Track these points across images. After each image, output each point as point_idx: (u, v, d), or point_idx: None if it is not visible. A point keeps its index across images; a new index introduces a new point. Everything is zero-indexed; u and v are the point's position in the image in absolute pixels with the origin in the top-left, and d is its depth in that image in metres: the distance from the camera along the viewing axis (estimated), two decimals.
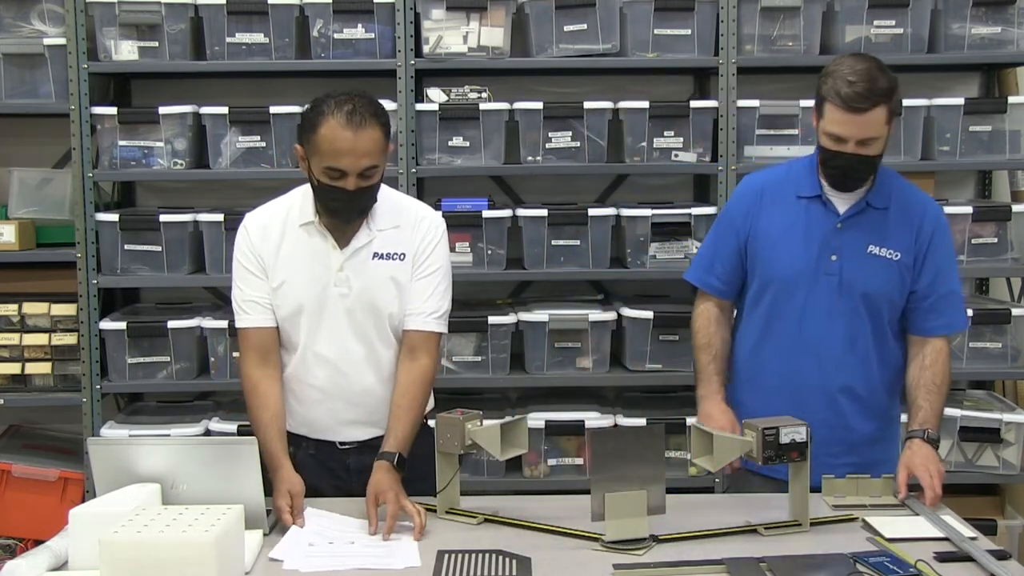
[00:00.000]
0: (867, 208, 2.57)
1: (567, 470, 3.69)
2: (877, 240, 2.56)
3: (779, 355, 2.61)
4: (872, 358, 2.58)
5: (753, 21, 3.66)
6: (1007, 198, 4.04)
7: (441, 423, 2.34)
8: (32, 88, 3.72)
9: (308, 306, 2.49)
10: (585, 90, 3.95)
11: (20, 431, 4.08)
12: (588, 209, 3.68)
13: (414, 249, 2.53)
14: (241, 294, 2.53)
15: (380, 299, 2.50)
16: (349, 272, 2.49)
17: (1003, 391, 3.95)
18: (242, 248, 2.54)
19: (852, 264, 2.56)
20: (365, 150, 2.35)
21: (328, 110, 2.35)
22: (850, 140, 2.46)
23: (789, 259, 2.59)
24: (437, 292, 2.54)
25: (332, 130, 2.33)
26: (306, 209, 2.52)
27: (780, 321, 2.60)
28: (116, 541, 1.82)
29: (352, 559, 2.09)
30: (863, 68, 2.45)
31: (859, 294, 2.55)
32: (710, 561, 2.05)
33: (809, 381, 2.57)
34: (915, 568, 1.98)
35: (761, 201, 2.65)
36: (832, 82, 2.45)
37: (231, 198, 3.97)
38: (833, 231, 2.57)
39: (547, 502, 2.50)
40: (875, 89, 2.42)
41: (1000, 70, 4.01)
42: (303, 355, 2.52)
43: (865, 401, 2.59)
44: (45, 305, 3.77)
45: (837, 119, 2.45)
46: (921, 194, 2.67)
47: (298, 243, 2.51)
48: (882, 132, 2.47)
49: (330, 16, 3.66)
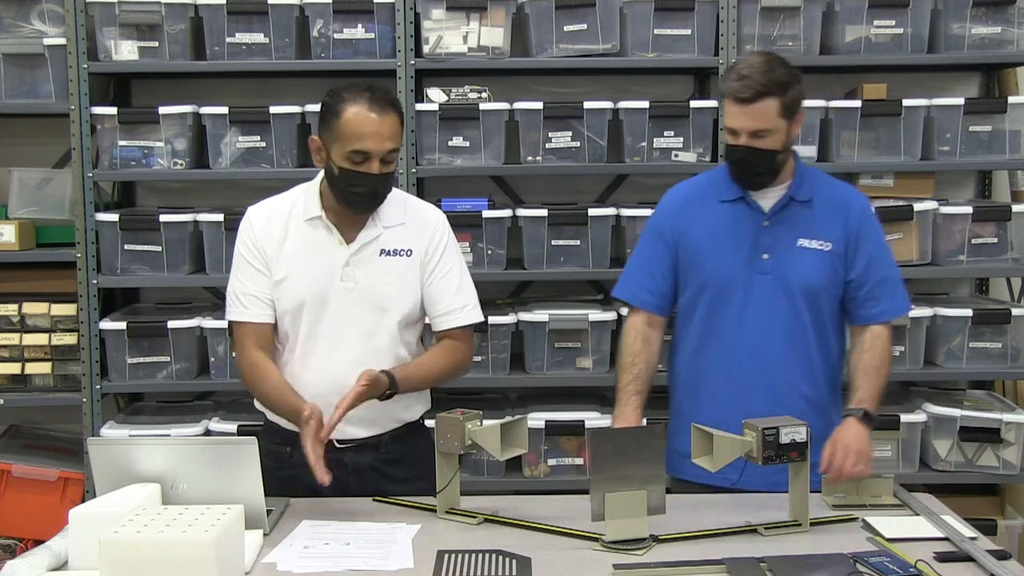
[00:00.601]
0: (791, 202, 2.59)
1: (567, 470, 3.69)
2: (806, 233, 2.57)
3: (720, 358, 2.60)
4: (814, 354, 2.59)
5: (753, 21, 3.66)
6: (1007, 198, 4.04)
7: (441, 423, 2.33)
8: (32, 88, 3.72)
9: (311, 301, 2.49)
10: (585, 90, 3.95)
11: (20, 431, 4.08)
12: (588, 209, 3.68)
13: (423, 250, 2.55)
14: (240, 287, 2.54)
15: (386, 295, 2.51)
16: (355, 267, 2.50)
17: (1003, 391, 3.95)
18: (244, 240, 2.54)
19: (785, 259, 2.57)
20: (389, 133, 2.40)
21: (350, 97, 2.40)
22: (742, 132, 2.49)
23: (721, 262, 2.59)
24: (463, 286, 2.60)
25: (357, 114, 2.37)
26: (311, 204, 2.52)
27: (718, 325, 2.60)
28: (116, 541, 1.82)
29: (346, 560, 2.08)
30: (757, 62, 2.51)
31: (796, 289, 2.56)
32: (710, 561, 2.05)
33: (752, 382, 2.56)
34: (915, 568, 1.98)
35: (685, 209, 2.67)
36: (727, 77, 2.51)
37: (231, 198, 3.97)
38: (761, 229, 2.59)
39: (547, 502, 2.49)
40: (763, 80, 2.46)
41: (1000, 70, 4.01)
42: (303, 350, 2.52)
43: (810, 399, 2.58)
44: (45, 305, 3.77)
45: (729, 112, 2.51)
46: (845, 186, 2.70)
47: (303, 238, 2.51)
48: (774, 125, 2.49)
49: (330, 16, 3.66)
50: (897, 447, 3.62)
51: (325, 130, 2.44)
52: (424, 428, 2.64)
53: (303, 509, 2.39)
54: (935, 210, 3.69)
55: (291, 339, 2.53)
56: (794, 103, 2.53)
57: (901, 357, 3.66)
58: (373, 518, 2.33)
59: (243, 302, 2.53)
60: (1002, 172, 4.06)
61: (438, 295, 2.57)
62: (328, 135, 2.43)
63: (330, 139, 2.42)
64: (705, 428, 2.27)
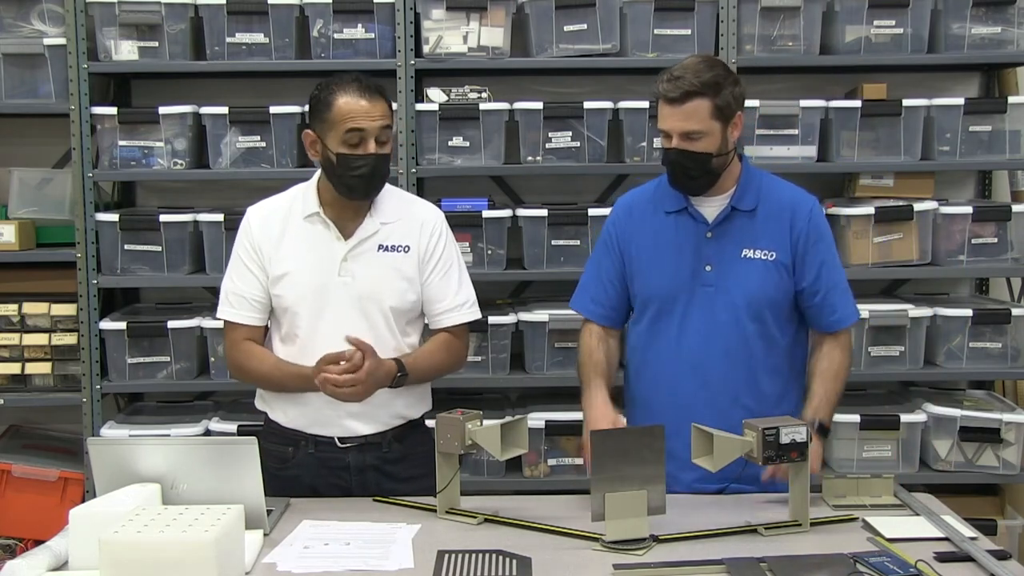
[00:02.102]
0: (734, 212, 2.53)
1: (567, 470, 3.69)
2: (749, 243, 2.52)
3: (662, 373, 2.57)
4: (758, 368, 2.53)
5: (753, 21, 3.66)
6: (1007, 198, 4.03)
7: (441, 423, 2.33)
8: (32, 88, 3.72)
9: (311, 296, 2.50)
10: (585, 90, 3.95)
11: (20, 431, 4.08)
12: (588, 209, 3.68)
13: (422, 247, 2.57)
14: (232, 286, 2.57)
15: (384, 290, 2.52)
16: (353, 262, 2.51)
17: (1003, 391, 3.95)
18: (242, 240, 2.57)
19: (727, 271, 2.52)
20: (380, 113, 2.46)
21: (338, 87, 2.46)
22: (673, 134, 2.46)
23: (663, 275, 2.55)
24: (463, 283, 2.63)
25: (347, 100, 2.44)
26: (309, 201, 2.55)
27: (659, 340, 2.56)
28: (116, 541, 1.82)
29: (346, 560, 2.08)
30: (689, 63, 2.47)
31: (739, 301, 2.50)
32: (710, 561, 2.05)
33: (694, 399, 2.51)
34: (915, 568, 1.98)
35: (631, 220, 2.63)
36: (659, 78, 2.47)
37: (231, 198, 3.96)
38: (704, 241, 2.54)
39: (547, 502, 2.49)
40: (694, 80, 2.41)
41: (1000, 70, 4.01)
42: (304, 346, 2.52)
43: (756, 412, 2.44)
44: (45, 305, 3.77)
45: (661, 113, 2.48)
46: (793, 190, 2.61)
47: (301, 235, 2.53)
48: (706, 127, 2.43)
49: (330, 16, 3.66)
50: (897, 447, 3.62)
51: (318, 122, 2.48)
52: (425, 427, 2.64)
53: (303, 509, 2.39)
54: (935, 210, 3.69)
55: (293, 334, 2.54)
56: (728, 106, 2.45)
57: (901, 357, 3.66)
58: (373, 518, 2.34)
59: (231, 302, 2.56)
60: (1002, 172, 4.06)
61: (438, 293, 2.59)
62: (321, 125, 2.47)
63: (324, 129, 2.47)
64: (706, 428, 2.27)
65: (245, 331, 2.56)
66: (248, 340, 2.56)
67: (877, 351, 3.65)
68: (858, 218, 3.62)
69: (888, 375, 3.73)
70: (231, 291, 2.57)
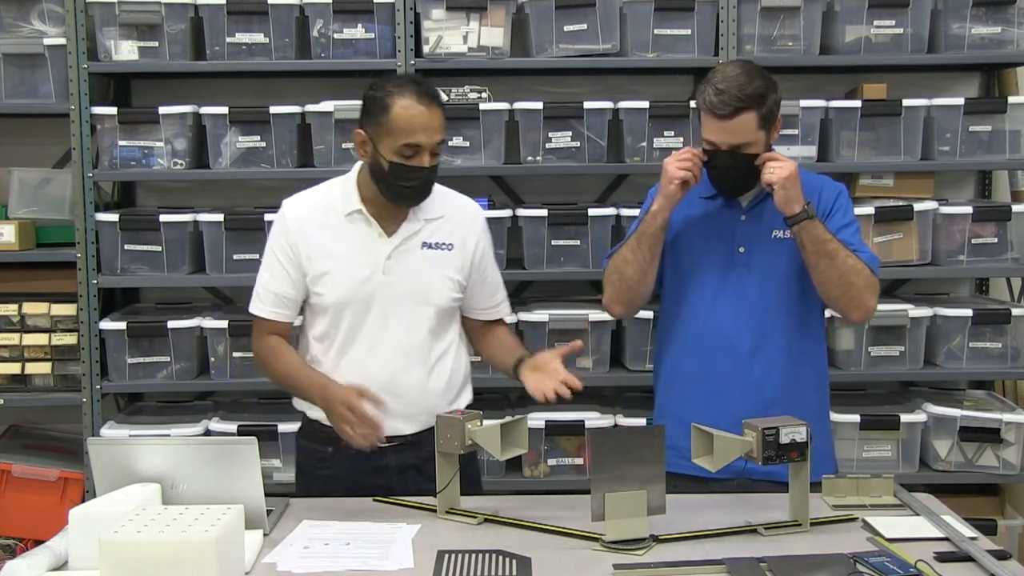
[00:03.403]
0: (767, 196, 2.58)
1: (567, 470, 3.69)
2: (780, 224, 2.57)
3: (693, 353, 2.62)
4: (789, 347, 2.58)
5: (753, 21, 3.66)
6: (1007, 198, 4.04)
7: (441, 423, 2.33)
8: (32, 88, 3.72)
9: (353, 295, 2.48)
10: (585, 90, 3.95)
11: (20, 431, 4.08)
12: (588, 209, 3.68)
13: (468, 245, 2.57)
14: (265, 281, 2.56)
15: (428, 288, 2.51)
16: (397, 261, 2.49)
17: (1003, 391, 3.95)
18: (276, 236, 2.55)
19: (759, 252, 2.59)
20: (437, 125, 2.42)
21: (396, 90, 2.40)
22: (722, 146, 2.51)
23: (697, 258, 2.62)
24: (500, 282, 2.69)
25: (407, 108, 2.38)
26: (349, 198, 2.52)
27: (694, 320, 2.62)
28: (116, 541, 1.82)
29: (346, 560, 2.08)
30: (732, 75, 2.51)
31: (770, 281, 2.57)
32: (710, 561, 2.05)
33: (725, 375, 2.57)
34: (915, 568, 1.98)
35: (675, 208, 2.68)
36: (704, 89, 2.51)
37: (231, 198, 3.97)
38: (738, 223, 2.61)
39: (547, 502, 2.49)
40: (739, 96, 2.46)
41: (1000, 70, 4.01)
42: (345, 344, 2.51)
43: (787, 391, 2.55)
44: (45, 305, 3.77)
45: (708, 126, 2.53)
46: (824, 178, 2.71)
47: (341, 232, 2.50)
48: (753, 138, 2.51)
49: (330, 16, 3.66)
50: (897, 447, 3.62)
51: (371, 124, 2.42)
52: None
53: (303, 509, 2.39)
54: (935, 210, 3.69)
55: (334, 333, 2.52)
56: (771, 113, 2.53)
57: (901, 357, 3.66)
58: (373, 518, 2.34)
59: (262, 297, 2.55)
60: (1002, 172, 4.06)
61: (484, 290, 2.63)
62: (376, 129, 2.41)
63: (378, 133, 2.41)
64: (705, 428, 2.27)
65: (274, 327, 2.56)
66: (275, 335, 2.55)
67: (877, 351, 3.65)
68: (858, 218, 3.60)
69: (888, 375, 3.73)
70: (263, 287, 2.55)
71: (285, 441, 3.53)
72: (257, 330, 2.59)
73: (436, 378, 2.55)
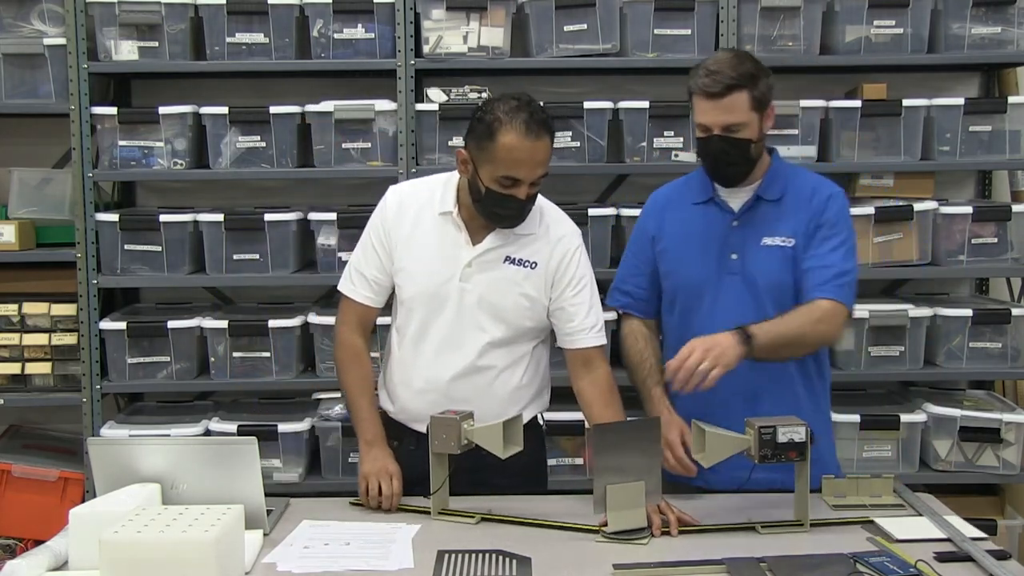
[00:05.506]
0: (759, 201, 2.58)
1: (567, 470, 3.69)
2: (769, 231, 2.56)
3: None
4: None
5: (753, 21, 3.66)
6: (1007, 198, 4.03)
7: (435, 424, 2.34)
8: (32, 88, 3.72)
9: (427, 296, 2.49)
10: (585, 90, 3.95)
11: (20, 431, 4.08)
12: (588, 209, 3.68)
13: (553, 265, 2.52)
14: (357, 262, 2.58)
15: (503, 302, 2.50)
16: (477, 270, 2.48)
17: (1003, 391, 3.94)
18: (375, 220, 2.57)
19: (751, 259, 2.56)
20: (541, 159, 2.38)
21: (506, 117, 2.35)
22: (714, 128, 2.48)
23: (691, 265, 2.60)
24: (595, 304, 2.59)
25: (512, 140, 2.34)
26: (447, 198, 2.52)
27: (690, 328, 2.56)
28: (116, 541, 1.83)
29: (346, 560, 2.09)
30: (724, 57, 2.51)
31: (761, 288, 2.55)
32: (710, 561, 2.06)
33: (722, 384, 2.45)
34: (915, 568, 1.98)
35: (664, 213, 2.69)
36: (696, 73, 2.50)
37: (231, 198, 3.97)
38: (730, 230, 2.59)
39: (547, 502, 2.49)
40: (732, 74, 2.45)
41: (1000, 70, 4.01)
42: (414, 343, 2.52)
43: (783, 399, 2.53)
44: (45, 305, 3.77)
45: (699, 108, 2.50)
46: (818, 179, 2.66)
47: (432, 230, 2.51)
48: (745, 118, 2.47)
49: (330, 16, 3.66)
50: (897, 447, 3.62)
51: (475, 147, 2.40)
52: (537, 426, 2.66)
53: (303, 509, 2.39)
54: (935, 210, 3.69)
55: (406, 328, 2.54)
56: (764, 96, 2.51)
57: (901, 357, 3.65)
58: (373, 518, 2.34)
59: (353, 279, 2.58)
60: (1002, 172, 4.06)
61: (570, 313, 2.55)
62: (479, 153, 2.39)
63: (480, 158, 2.39)
64: (702, 424, 2.28)
65: (360, 309, 2.58)
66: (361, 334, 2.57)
67: (877, 351, 3.65)
68: (858, 218, 3.60)
69: (888, 375, 3.73)
70: (354, 266, 2.58)
71: (285, 441, 3.54)
72: (342, 311, 2.61)
73: (501, 386, 2.53)
